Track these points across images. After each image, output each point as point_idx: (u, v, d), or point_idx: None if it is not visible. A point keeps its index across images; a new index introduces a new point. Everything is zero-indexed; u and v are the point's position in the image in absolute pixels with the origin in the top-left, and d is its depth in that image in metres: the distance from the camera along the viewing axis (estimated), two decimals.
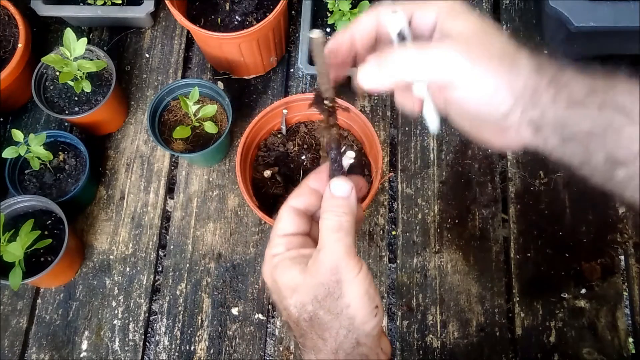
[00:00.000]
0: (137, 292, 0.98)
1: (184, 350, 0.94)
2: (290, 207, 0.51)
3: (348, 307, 0.45)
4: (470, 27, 0.44)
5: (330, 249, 0.46)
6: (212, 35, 0.95)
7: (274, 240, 0.50)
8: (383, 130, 1.07)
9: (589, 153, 0.42)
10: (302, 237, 0.51)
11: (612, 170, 0.42)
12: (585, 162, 0.43)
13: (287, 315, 0.48)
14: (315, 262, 0.46)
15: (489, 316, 0.94)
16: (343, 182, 0.49)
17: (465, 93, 0.44)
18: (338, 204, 0.48)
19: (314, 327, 0.46)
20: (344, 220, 0.48)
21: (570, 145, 0.43)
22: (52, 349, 0.95)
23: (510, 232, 0.99)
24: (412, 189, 1.03)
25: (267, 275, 0.50)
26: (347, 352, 0.46)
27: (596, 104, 0.41)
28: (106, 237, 1.02)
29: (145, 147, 1.08)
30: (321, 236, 0.47)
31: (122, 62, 1.14)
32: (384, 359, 0.49)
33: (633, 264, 0.97)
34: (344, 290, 0.45)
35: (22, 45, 1.02)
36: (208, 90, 1.01)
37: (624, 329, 0.93)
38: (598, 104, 0.41)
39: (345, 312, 0.46)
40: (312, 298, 0.46)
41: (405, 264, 0.98)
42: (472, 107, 0.45)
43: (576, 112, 0.42)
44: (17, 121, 1.10)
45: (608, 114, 0.41)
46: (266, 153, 0.95)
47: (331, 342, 0.46)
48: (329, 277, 0.45)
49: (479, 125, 0.48)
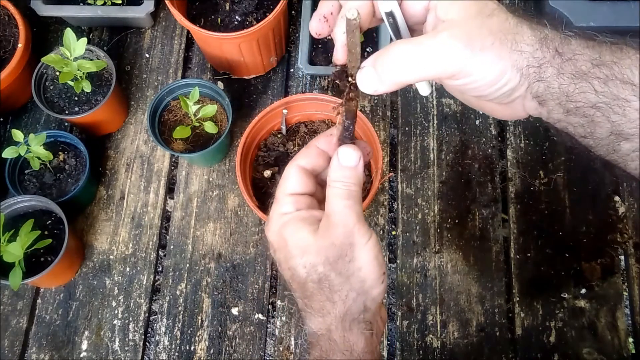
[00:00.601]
0: (137, 292, 0.98)
1: (184, 350, 0.94)
2: (297, 166, 0.51)
3: (359, 270, 0.46)
4: (464, 9, 0.43)
5: (342, 213, 0.46)
6: (212, 35, 0.95)
7: (282, 199, 0.50)
8: (383, 130, 1.07)
9: (594, 125, 0.42)
10: (309, 197, 0.51)
11: (616, 143, 0.42)
12: (590, 134, 0.43)
13: (292, 275, 0.48)
14: (328, 225, 0.46)
15: (489, 316, 0.94)
16: (352, 150, 0.49)
17: (469, 81, 0.43)
18: (346, 175, 0.48)
19: (323, 289, 0.46)
20: (352, 190, 0.47)
21: (574, 117, 0.43)
22: (52, 349, 0.95)
23: (510, 232, 1.00)
24: (412, 189, 1.03)
25: (273, 233, 0.49)
26: (354, 316, 0.46)
27: (602, 77, 0.41)
28: (106, 237, 1.02)
29: (145, 147, 1.08)
30: (330, 202, 0.47)
31: (122, 62, 1.14)
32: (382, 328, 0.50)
33: (633, 264, 0.97)
34: (355, 254, 0.46)
35: (22, 45, 1.02)
36: (208, 90, 1.01)
37: (624, 329, 0.93)
38: (604, 77, 0.41)
39: (357, 274, 0.46)
40: (323, 259, 0.46)
41: (405, 264, 0.98)
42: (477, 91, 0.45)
43: (581, 85, 0.41)
44: (17, 121, 1.10)
45: (614, 88, 0.40)
46: (266, 153, 0.95)
47: (340, 305, 0.46)
48: (342, 240, 0.45)
49: (484, 101, 0.47)
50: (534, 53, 0.42)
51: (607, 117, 0.41)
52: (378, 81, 0.44)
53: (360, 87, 0.46)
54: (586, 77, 0.41)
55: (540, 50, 0.42)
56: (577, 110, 0.42)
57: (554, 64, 0.42)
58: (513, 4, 1.16)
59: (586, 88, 0.41)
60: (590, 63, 0.41)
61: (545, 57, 0.42)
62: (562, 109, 0.43)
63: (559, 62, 0.42)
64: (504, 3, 1.16)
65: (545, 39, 0.42)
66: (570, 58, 0.42)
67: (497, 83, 0.43)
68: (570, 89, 0.41)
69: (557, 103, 0.43)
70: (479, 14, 0.43)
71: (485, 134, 1.06)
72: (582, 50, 0.42)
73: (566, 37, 0.42)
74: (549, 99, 0.43)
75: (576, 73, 0.41)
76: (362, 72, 0.45)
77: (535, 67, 0.42)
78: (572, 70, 0.41)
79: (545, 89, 0.42)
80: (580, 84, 0.41)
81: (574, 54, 0.42)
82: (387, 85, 0.44)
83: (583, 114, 0.42)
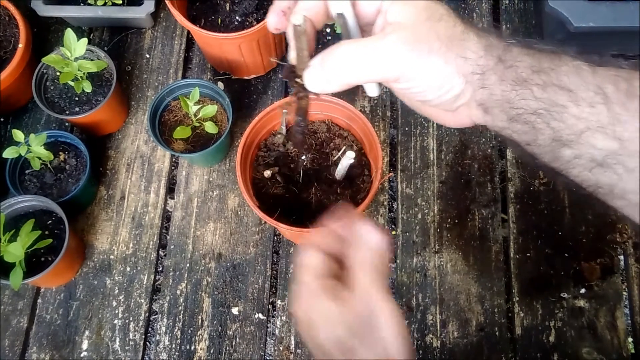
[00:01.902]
0: (138, 292, 0.98)
1: (184, 349, 0.95)
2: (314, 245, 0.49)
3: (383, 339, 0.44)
4: (415, 13, 0.43)
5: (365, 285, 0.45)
6: (212, 36, 0.95)
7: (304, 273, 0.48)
8: (383, 130, 1.07)
9: (536, 132, 0.42)
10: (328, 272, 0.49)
11: (557, 149, 0.42)
12: (533, 141, 0.43)
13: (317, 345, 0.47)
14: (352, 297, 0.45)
15: (489, 316, 0.95)
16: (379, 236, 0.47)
17: (414, 85, 0.44)
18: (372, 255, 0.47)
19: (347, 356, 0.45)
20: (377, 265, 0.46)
21: (517, 124, 0.43)
22: (53, 348, 0.95)
23: (510, 232, 1.00)
24: (412, 189, 1.03)
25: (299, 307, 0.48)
26: None
27: (541, 83, 0.41)
28: (106, 237, 1.02)
29: (145, 147, 1.08)
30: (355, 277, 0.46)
31: (123, 63, 1.14)
32: None
33: (632, 264, 0.97)
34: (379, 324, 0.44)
35: (23, 45, 1.02)
36: (208, 91, 1.01)
37: (624, 328, 0.93)
38: (543, 83, 0.41)
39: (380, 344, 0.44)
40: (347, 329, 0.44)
41: (405, 263, 0.98)
42: (421, 95, 0.45)
43: (522, 92, 0.41)
44: (17, 121, 1.10)
45: (552, 94, 0.41)
46: (266, 153, 0.95)
47: None
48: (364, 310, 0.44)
49: (430, 107, 0.48)
50: (478, 60, 0.42)
51: (548, 123, 0.41)
52: (324, 81, 0.45)
53: (308, 86, 0.46)
54: (526, 83, 0.41)
55: (485, 57, 0.42)
56: (519, 117, 0.42)
57: (496, 71, 0.42)
58: (513, 4, 1.16)
59: (526, 94, 0.41)
60: (530, 70, 0.42)
61: (489, 64, 0.42)
62: (505, 116, 0.43)
63: (501, 69, 0.42)
64: (503, 4, 1.16)
65: (490, 47, 0.43)
66: (511, 65, 0.42)
67: (441, 88, 0.43)
68: (512, 95, 0.42)
69: (500, 110, 0.43)
70: (428, 19, 0.43)
71: (485, 134, 1.06)
72: (522, 57, 0.42)
73: (509, 44, 0.43)
74: (492, 106, 0.43)
75: (517, 80, 0.42)
76: (308, 72, 0.45)
77: (479, 74, 0.42)
78: (513, 77, 0.42)
79: (488, 95, 0.43)
80: (520, 90, 0.41)
81: (515, 61, 0.42)
82: (334, 85, 0.45)
83: (525, 121, 0.42)
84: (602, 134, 0.39)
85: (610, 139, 0.39)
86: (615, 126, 0.39)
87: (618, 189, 0.41)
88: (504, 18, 1.15)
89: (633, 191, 0.40)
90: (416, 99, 0.46)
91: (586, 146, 0.40)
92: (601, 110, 0.39)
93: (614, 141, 0.39)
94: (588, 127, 0.40)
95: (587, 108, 0.40)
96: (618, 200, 0.42)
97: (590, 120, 0.39)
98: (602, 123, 0.39)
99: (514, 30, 1.13)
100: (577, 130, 0.40)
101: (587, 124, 0.40)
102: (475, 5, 1.16)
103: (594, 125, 0.39)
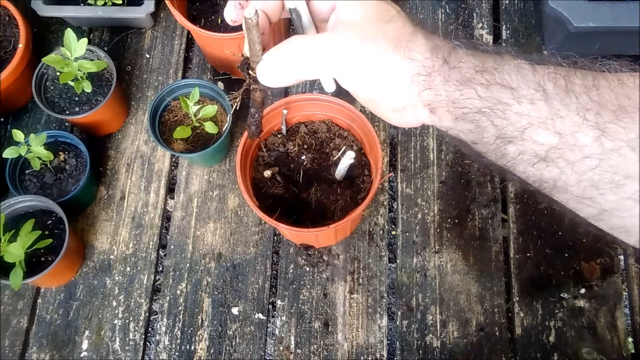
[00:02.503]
0: (138, 292, 0.98)
1: (184, 349, 0.95)
2: None
3: None
4: (365, 13, 0.44)
5: None
6: (212, 36, 0.95)
7: None
8: (383, 130, 1.07)
9: (481, 130, 0.43)
10: None
11: (502, 146, 0.43)
12: (479, 139, 0.44)
13: None
14: None
15: (489, 316, 0.95)
16: None
17: (360, 83, 0.44)
18: None
19: None
20: None
21: (463, 124, 0.44)
22: (53, 348, 0.95)
23: (510, 232, 1.00)
24: (412, 189, 1.03)
25: None
26: None
27: (485, 82, 0.42)
28: (106, 237, 1.02)
29: (145, 147, 1.08)
30: None
31: (123, 63, 1.14)
32: None
33: (632, 264, 0.97)
34: None
35: (23, 45, 1.02)
36: (208, 91, 1.01)
37: (624, 328, 0.93)
38: (486, 82, 0.42)
39: None
40: None
41: (405, 263, 0.98)
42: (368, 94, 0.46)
43: (466, 91, 0.42)
44: (17, 121, 1.10)
45: (496, 92, 0.42)
46: (266, 153, 0.95)
47: None
48: None
49: (377, 105, 0.48)
50: (424, 62, 0.43)
51: (492, 121, 0.42)
52: (276, 75, 0.46)
53: (260, 80, 0.47)
54: (470, 83, 0.42)
55: (431, 59, 0.43)
56: (464, 116, 0.43)
57: (441, 72, 0.43)
58: (513, 4, 1.16)
59: (471, 94, 0.42)
60: (474, 70, 0.43)
61: (435, 65, 0.43)
62: (451, 116, 0.44)
63: (446, 70, 0.43)
64: (503, 4, 1.16)
65: (436, 48, 0.44)
66: (455, 66, 0.43)
67: (387, 88, 0.44)
68: (456, 95, 0.43)
69: (446, 110, 0.44)
70: (377, 20, 0.44)
71: None
72: (466, 58, 0.43)
73: (454, 46, 0.44)
74: (437, 106, 0.44)
75: (461, 80, 0.43)
76: (260, 66, 0.46)
77: (424, 75, 0.43)
78: (458, 77, 0.43)
79: (433, 96, 0.44)
80: (465, 90, 0.43)
81: (460, 61, 0.43)
82: (285, 79, 0.46)
83: (470, 120, 0.43)
84: (543, 129, 0.41)
85: (551, 133, 0.40)
86: (555, 121, 0.40)
87: (561, 182, 0.42)
88: (504, 18, 1.15)
89: (574, 184, 0.41)
90: (363, 97, 0.47)
91: (529, 142, 0.41)
92: (542, 107, 0.41)
93: (554, 136, 0.40)
94: (530, 123, 0.41)
95: (528, 105, 0.41)
96: (562, 194, 0.43)
97: (532, 116, 0.41)
98: (542, 119, 0.41)
99: (514, 30, 1.13)
100: (520, 126, 0.41)
101: (529, 120, 0.41)
102: (475, 5, 1.16)
103: (535, 121, 0.41)
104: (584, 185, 0.41)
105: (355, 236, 1.00)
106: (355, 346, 0.93)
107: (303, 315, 0.95)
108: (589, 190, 0.41)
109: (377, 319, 0.95)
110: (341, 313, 0.95)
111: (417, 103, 0.45)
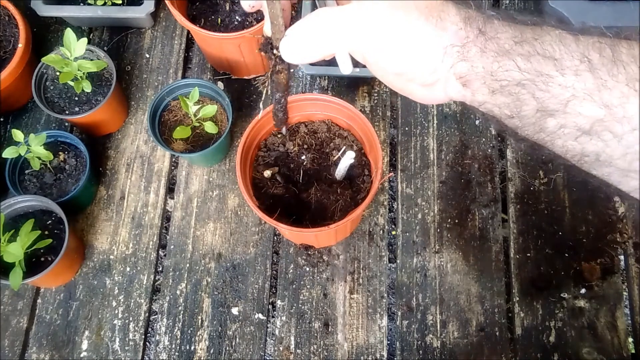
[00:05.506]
0: (137, 292, 0.98)
1: (184, 350, 0.94)
2: None
3: None
4: None
5: None
6: (212, 36, 0.95)
7: None
8: (383, 130, 1.07)
9: (520, 104, 0.42)
10: None
11: (542, 120, 0.42)
12: (516, 113, 0.43)
13: None
14: None
15: (489, 316, 0.94)
16: None
17: (391, 54, 0.43)
18: None
19: None
20: None
21: (500, 97, 0.42)
22: (52, 348, 0.95)
23: (510, 232, 1.00)
24: (412, 189, 1.03)
25: None
26: None
27: (525, 53, 0.41)
28: (106, 237, 1.02)
29: (145, 147, 1.08)
30: None
31: (123, 62, 1.14)
32: None
33: (633, 264, 0.97)
34: None
35: (23, 45, 1.02)
36: (208, 91, 1.01)
37: (624, 328, 0.93)
38: (527, 53, 0.41)
39: None
40: None
41: (405, 263, 0.98)
42: (397, 67, 0.44)
43: (505, 63, 0.41)
44: (17, 121, 1.10)
45: (537, 64, 0.40)
46: (266, 153, 0.95)
47: None
48: None
49: (406, 80, 0.47)
50: (458, 32, 0.42)
51: (532, 93, 0.41)
52: (301, 49, 0.44)
53: (284, 57, 0.45)
54: (509, 54, 0.41)
55: (464, 29, 0.42)
56: (502, 89, 0.42)
57: (477, 43, 0.42)
58: (513, 4, 1.16)
59: (510, 66, 0.41)
60: (512, 41, 0.41)
61: (469, 36, 0.42)
62: (487, 89, 0.42)
63: (482, 41, 0.41)
64: (503, 4, 1.16)
65: (469, 19, 0.42)
66: (493, 37, 0.41)
67: (417, 60, 0.43)
68: (494, 67, 0.41)
69: (482, 83, 0.42)
70: None
71: (485, 133, 1.06)
72: (504, 28, 0.42)
73: (489, 16, 0.43)
74: (473, 79, 0.43)
75: (499, 51, 0.41)
76: (284, 41, 0.45)
77: (458, 46, 0.42)
78: (495, 48, 0.41)
79: (469, 68, 0.42)
80: (503, 61, 0.41)
81: (497, 32, 0.42)
82: (311, 54, 0.44)
83: (508, 93, 0.42)
84: (589, 102, 0.39)
85: (598, 106, 0.39)
86: (602, 93, 0.38)
87: (605, 155, 0.40)
88: None
89: (620, 157, 0.40)
90: (391, 71, 0.46)
91: (572, 115, 0.40)
92: (587, 78, 0.39)
93: (601, 108, 0.39)
94: (574, 96, 0.39)
95: (572, 76, 0.39)
96: (604, 167, 0.42)
97: (577, 88, 0.39)
98: (588, 90, 0.39)
99: None
100: (563, 99, 0.40)
101: (573, 92, 0.39)
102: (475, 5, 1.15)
103: (580, 93, 0.39)
104: (630, 158, 0.39)
105: (355, 236, 1.00)
106: (355, 346, 0.93)
107: (303, 316, 0.95)
108: (636, 162, 0.39)
109: (377, 319, 0.95)
110: (341, 313, 0.95)
111: (449, 76, 0.43)
